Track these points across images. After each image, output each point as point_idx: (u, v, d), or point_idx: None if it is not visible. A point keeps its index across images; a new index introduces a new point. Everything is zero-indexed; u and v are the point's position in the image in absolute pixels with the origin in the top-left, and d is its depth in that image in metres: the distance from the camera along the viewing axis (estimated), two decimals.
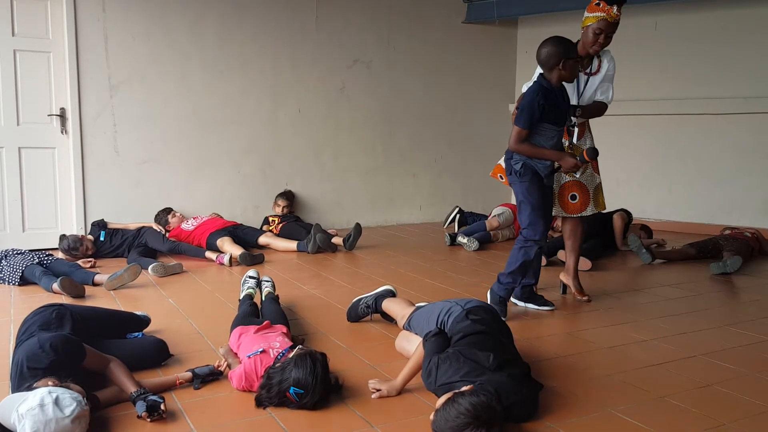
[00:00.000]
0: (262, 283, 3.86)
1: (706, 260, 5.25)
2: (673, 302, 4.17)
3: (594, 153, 3.54)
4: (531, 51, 8.45)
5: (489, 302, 3.61)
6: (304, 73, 6.67)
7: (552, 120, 3.51)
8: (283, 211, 6.34)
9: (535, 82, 3.62)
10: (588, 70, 3.93)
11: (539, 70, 3.66)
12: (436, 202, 7.52)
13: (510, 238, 6.28)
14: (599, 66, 3.93)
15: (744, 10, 6.30)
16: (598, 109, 3.98)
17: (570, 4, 6.72)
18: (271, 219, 6.27)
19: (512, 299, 3.94)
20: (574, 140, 3.91)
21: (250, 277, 3.89)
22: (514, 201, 7.49)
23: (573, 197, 4.03)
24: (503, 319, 3.37)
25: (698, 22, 6.57)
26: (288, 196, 6.49)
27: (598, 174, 4.10)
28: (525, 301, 3.95)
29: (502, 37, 7.87)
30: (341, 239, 5.72)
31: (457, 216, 6.86)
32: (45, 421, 2.08)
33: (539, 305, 3.93)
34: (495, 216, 6.27)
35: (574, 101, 3.88)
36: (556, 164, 3.59)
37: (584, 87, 3.93)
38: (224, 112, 6.31)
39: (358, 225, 5.82)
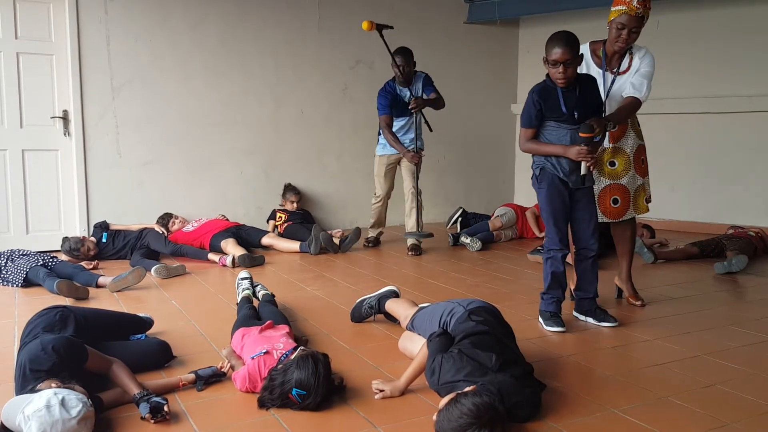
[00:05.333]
0: (256, 287, 3.87)
1: (709, 259, 5.24)
2: (677, 302, 4.16)
3: (588, 129, 3.22)
4: (533, 51, 8.46)
5: (543, 325, 3.56)
6: (307, 73, 6.67)
7: (555, 118, 3.38)
8: (295, 206, 6.32)
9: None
10: (615, 69, 3.67)
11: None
12: (439, 202, 7.50)
13: (512, 239, 6.28)
14: (630, 64, 3.66)
15: (745, 8, 6.29)
16: (630, 110, 3.60)
17: (572, 4, 6.72)
18: (279, 215, 6.26)
19: (575, 314, 3.73)
20: (610, 143, 3.74)
21: (243, 279, 3.90)
22: (516, 201, 7.56)
23: (615, 201, 3.84)
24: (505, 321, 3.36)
25: (700, 21, 6.56)
26: (296, 190, 6.46)
27: (642, 176, 3.85)
28: (585, 315, 3.68)
29: (504, 38, 7.86)
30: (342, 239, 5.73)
31: (460, 217, 6.86)
32: (52, 422, 2.08)
33: (599, 320, 3.62)
34: (498, 216, 6.27)
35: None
36: (586, 165, 3.35)
37: (611, 86, 3.68)
38: (226, 113, 6.32)
39: (357, 229, 5.82)
